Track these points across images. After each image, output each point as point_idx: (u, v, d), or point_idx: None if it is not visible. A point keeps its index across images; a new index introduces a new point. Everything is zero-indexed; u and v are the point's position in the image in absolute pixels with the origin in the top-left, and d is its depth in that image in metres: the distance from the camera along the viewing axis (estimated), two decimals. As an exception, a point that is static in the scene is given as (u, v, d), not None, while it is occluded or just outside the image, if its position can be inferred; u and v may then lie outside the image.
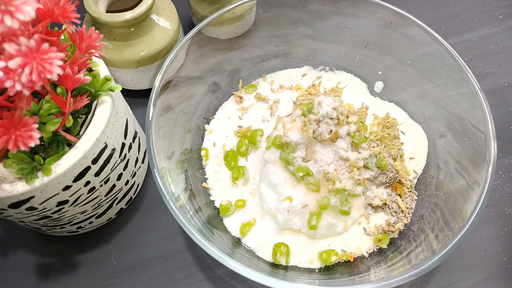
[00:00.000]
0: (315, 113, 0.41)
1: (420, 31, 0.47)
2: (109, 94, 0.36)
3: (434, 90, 0.48)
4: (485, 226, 0.46)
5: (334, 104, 0.40)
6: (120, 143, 0.39)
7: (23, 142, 0.27)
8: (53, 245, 0.45)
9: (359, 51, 0.53)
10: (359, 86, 0.54)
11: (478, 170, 0.40)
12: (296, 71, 0.55)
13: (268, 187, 0.43)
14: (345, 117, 0.42)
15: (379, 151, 0.43)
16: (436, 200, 0.44)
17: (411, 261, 0.38)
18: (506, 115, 0.54)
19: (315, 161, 0.41)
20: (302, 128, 0.42)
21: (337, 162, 0.41)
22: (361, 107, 0.50)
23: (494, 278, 0.43)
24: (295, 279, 0.39)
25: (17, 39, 0.24)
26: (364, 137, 0.42)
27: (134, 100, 0.54)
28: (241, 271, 0.33)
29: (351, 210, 0.41)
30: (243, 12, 0.50)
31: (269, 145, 0.44)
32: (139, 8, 0.45)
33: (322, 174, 0.41)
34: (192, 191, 0.44)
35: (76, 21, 0.30)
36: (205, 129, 0.50)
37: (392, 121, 0.49)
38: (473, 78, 0.43)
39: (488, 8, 0.64)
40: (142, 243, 0.45)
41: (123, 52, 0.48)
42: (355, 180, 0.41)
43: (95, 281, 0.43)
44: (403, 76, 0.51)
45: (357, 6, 0.50)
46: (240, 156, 0.48)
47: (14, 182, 0.32)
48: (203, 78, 0.51)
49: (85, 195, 0.37)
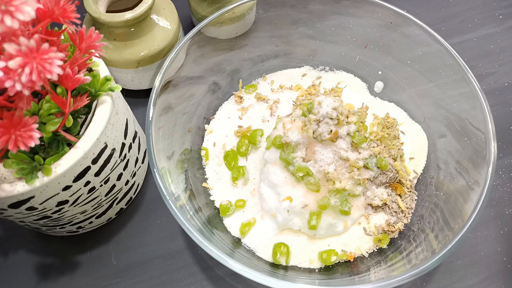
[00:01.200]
0: (315, 113, 0.41)
1: (420, 31, 0.47)
2: (109, 94, 0.36)
3: (434, 90, 0.48)
4: (485, 226, 0.46)
5: (334, 104, 0.40)
6: (120, 143, 0.39)
7: (23, 142, 0.27)
8: (53, 245, 0.45)
9: (359, 51, 0.53)
10: (359, 86, 0.54)
11: (478, 170, 0.40)
12: (296, 71, 0.55)
13: (268, 187, 0.43)
14: (345, 117, 0.42)
15: (379, 151, 0.43)
16: (436, 200, 0.44)
17: (411, 261, 0.38)
18: (506, 115, 0.54)
19: (315, 161, 0.41)
20: (302, 128, 0.42)
21: (337, 162, 0.41)
22: (361, 107, 0.50)
23: (494, 278, 0.43)
24: (295, 279, 0.39)
25: (17, 39, 0.24)
26: (364, 137, 0.42)
27: (134, 100, 0.54)
28: (241, 271, 0.33)
29: (351, 210, 0.41)
30: (243, 12, 0.50)
31: (269, 145, 0.44)
32: (139, 8, 0.45)
33: (322, 174, 0.41)
34: (192, 191, 0.44)
35: (76, 21, 0.30)
36: (205, 129, 0.50)
37: (392, 121, 0.49)
38: (473, 78, 0.43)
39: (488, 8, 0.64)
40: (142, 243, 0.45)
41: (123, 52, 0.48)
42: (355, 180, 0.41)
43: (95, 281, 0.43)
44: (403, 76, 0.51)
45: (357, 6, 0.50)
46: (240, 156, 0.48)
47: (14, 182, 0.32)
48: (203, 78, 0.51)
49: (85, 195, 0.37)
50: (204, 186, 0.47)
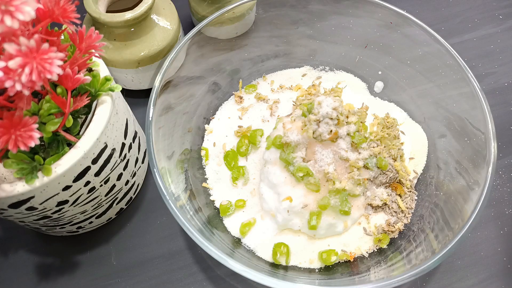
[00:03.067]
0: (315, 113, 0.41)
1: (420, 31, 0.47)
2: (109, 94, 0.36)
3: (434, 90, 0.48)
4: (485, 226, 0.46)
5: (334, 104, 0.40)
6: (120, 143, 0.39)
7: (23, 142, 0.27)
8: (53, 245, 0.45)
9: (359, 51, 0.53)
10: (359, 86, 0.54)
11: (478, 170, 0.40)
12: (296, 71, 0.55)
13: (268, 187, 0.43)
14: (345, 117, 0.42)
15: (379, 151, 0.43)
16: (436, 200, 0.44)
17: (411, 261, 0.38)
18: (506, 115, 0.54)
19: (315, 161, 0.41)
20: (302, 128, 0.42)
21: (337, 162, 0.41)
22: (361, 107, 0.50)
23: (494, 278, 0.43)
24: (295, 279, 0.39)
25: (17, 39, 0.24)
26: (364, 137, 0.42)
27: (134, 100, 0.54)
28: (241, 271, 0.33)
29: (351, 210, 0.41)
30: (243, 12, 0.50)
31: (269, 145, 0.44)
32: (139, 8, 0.45)
33: (322, 174, 0.41)
34: (192, 191, 0.44)
35: (76, 21, 0.30)
36: (205, 129, 0.50)
37: (392, 121, 0.49)
38: (473, 78, 0.43)
39: (488, 8, 0.64)
40: (142, 243, 0.45)
41: (123, 52, 0.48)
42: (355, 180, 0.41)
43: (95, 281, 0.43)
44: (403, 76, 0.51)
45: (357, 6, 0.50)
46: (240, 156, 0.48)
47: (14, 182, 0.32)
48: (203, 78, 0.50)
49: (85, 195, 0.37)
50: (204, 186, 0.47)
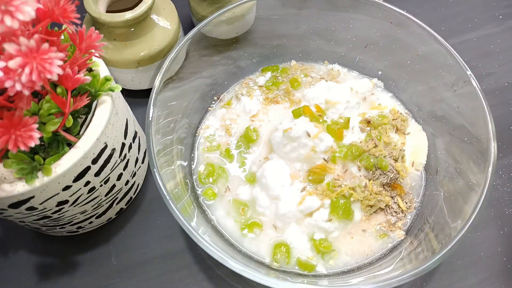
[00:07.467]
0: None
1: (420, 31, 0.47)
2: (109, 94, 0.36)
3: (434, 90, 0.48)
4: (485, 226, 0.46)
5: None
6: (120, 143, 0.39)
7: (23, 142, 0.27)
8: (53, 245, 0.45)
9: (359, 51, 0.53)
10: (360, 86, 0.54)
11: (478, 170, 0.40)
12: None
13: (262, 189, 0.43)
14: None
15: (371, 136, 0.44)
16: (436, 200, 0.43)
17: (411, 261, 0.38)
18: (506, 115, 0.54)
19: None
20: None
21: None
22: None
23: (494, 278, 0.43)
24: (295, 279, 0.39)
25: (17, 39, 0.24)
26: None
27: (134, 100, 0.54)
28: (241, 271, 0.33)
29: (352, 212, 0.41)
30: (243, 12, 0.50)
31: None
32: (139, 8, 0.45)
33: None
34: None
35: (76, 21, 0.30)
36: (204, 129, 0.50)
37: (399, 116, 0.49)
38: (473, 78, 0.43)
39: (488, 8, 0.64)
40: (142, 243, 0.45)
41: (123, 52, 0.48)
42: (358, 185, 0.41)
43: (95, 281, 0.43)
44: (403, 76, 0.51)
45: (357, 6, 0.50)
46: (245, 149, 0.48)
47: (14, 182, 0.32)
48: (203, 78, 0.50)
49: (85, 195, 0.37)
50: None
